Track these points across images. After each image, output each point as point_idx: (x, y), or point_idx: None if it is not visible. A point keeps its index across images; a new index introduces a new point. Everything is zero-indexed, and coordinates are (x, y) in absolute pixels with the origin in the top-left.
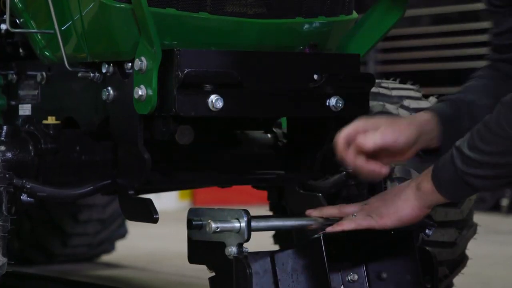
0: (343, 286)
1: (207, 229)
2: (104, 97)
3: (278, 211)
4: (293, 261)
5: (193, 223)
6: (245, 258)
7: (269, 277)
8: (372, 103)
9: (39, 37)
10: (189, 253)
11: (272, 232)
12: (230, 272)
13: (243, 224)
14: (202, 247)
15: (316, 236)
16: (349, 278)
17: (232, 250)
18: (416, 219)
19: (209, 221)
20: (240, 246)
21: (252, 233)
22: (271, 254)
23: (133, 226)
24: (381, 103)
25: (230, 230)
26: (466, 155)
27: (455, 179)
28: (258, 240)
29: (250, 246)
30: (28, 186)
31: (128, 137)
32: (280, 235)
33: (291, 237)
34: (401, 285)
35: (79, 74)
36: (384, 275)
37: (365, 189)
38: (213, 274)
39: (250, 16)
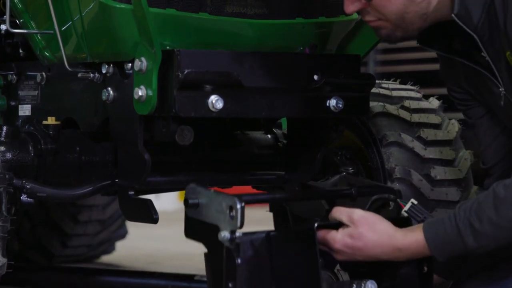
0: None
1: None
2: (104, 97)
3: (278, 211)
4: (287, 246)
5: (189, 202)
6: (235, 248)
7: (262, 260)
8: (372, 104)
9: (39, 37)
10: (186, 228)
11: (271, 219)
12: (222, 253)
13: (237, 211)
14: (197, 225)
15: (310, 225)
16: (341, 276)
17: (225, 235)
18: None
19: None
20: (233, 232)
21: (249, 218)
22: (266, 235)
23: (133, 227)
24: (382, 103)
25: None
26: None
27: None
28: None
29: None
30: (28, 186)
31: (128, 138)
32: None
33: (287, 222)
34: (398, 281)
35: (79, 75)
36: (382, 272)
37: None
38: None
39: (250, 17)
